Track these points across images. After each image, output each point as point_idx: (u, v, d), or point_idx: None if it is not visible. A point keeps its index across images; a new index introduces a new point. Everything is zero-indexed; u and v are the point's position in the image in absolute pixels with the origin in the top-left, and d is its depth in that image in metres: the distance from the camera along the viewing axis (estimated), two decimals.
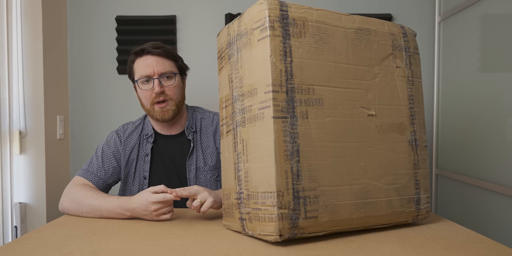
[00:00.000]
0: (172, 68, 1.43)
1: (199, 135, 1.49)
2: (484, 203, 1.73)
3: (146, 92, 1.41)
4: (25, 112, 1.94)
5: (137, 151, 1.46)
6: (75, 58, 2.23)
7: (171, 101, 1.41)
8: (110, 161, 1.44)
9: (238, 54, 1.02)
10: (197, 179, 1.44)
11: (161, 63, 1.40)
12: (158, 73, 1.39)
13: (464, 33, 1.91)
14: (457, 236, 1.02)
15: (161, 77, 1.40)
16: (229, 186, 1.06)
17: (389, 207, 1.06)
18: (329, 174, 0.97)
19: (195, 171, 1.45)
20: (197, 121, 1.52)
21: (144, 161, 1.45)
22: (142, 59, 1.42)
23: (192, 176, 1.44)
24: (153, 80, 1.39)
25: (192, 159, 1.46)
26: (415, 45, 1.18)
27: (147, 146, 1.47)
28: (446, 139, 2.08)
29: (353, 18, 1.07)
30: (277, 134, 0.91)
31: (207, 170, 1.45)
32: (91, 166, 1.43)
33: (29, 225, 1.97)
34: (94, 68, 2.23)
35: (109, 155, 1.45)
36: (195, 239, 1.00)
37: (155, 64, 1.39)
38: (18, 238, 1.03)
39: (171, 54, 1.44)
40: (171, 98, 1.41)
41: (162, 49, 1.41)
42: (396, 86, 1.11)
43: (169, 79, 1.42)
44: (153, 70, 1.39)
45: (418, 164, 1.13)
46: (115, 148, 1.46)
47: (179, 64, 1.47)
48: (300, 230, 0.92)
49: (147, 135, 1.48)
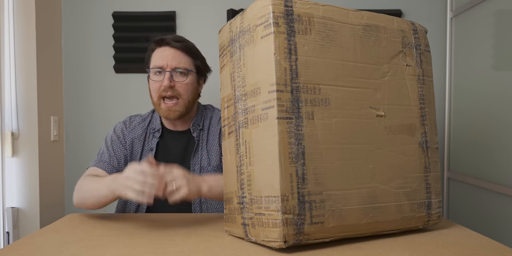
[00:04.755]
0: (188, 65, 1.43)
1: (206, 134, 1.50)
2: (498, 208, 1.72)
3: (155, 83, 1.41)
4: (17, 112, 1.95)
5: (141, 145, 1.48)
6: (70, 56, 2.24)
7: (181, 101, 1.41)
8: (120, 150, 1.47)
9: (241, 52, 1.02)
10: None
11: (178, 57, 1.41)
12: (171, 67, 1.40)
13: (477, 29, 1.91)
14: (470, 243, 1.02)
15: (173, 71, 1.40)
16: (231, 190, 1.06)
17: (398, 212, 1.06)
18: (336, 178, 0.97)
19: (199, 170, 1.46)
20: (205, 119, 1.53)
21: (148, 155, 1.46)
22: (160, 49, 1.43)
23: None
24: (165, 72, 1.39)
25: (196, 157, 1.47)
26: (426, 42, 1.18)
27: (153, 141, 1.49)
28: (459, 141, 2.07)
29: (361, 14, 1.07)
30: (282, 136, 0.91)
31: (211, 170, 1.46)
32: (103, 156, 1.46)
33: (21, 230, 1.97)
34: (90, 66, 2.24)
35: (119, 144, 1.48)
36: (195, 246, 1.00)
37: (171, 56, 1.40)
38: (10, 244, 1.03)
39: (191, 50, 1.45)
40: (180, 95, 1.41)
41: (182, 44, 1.42)
42: (406, 85, 1.11)
43: (182, 75, 1.42)
44: (166, 63, 1.39)
45: (429, 167, 1.13)
46: (123, 137, 1.49)
47: (198, 63, 1.47)
48: (306, 236, 0.92)
49: (154, 130, 1.50)
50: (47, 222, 1.98)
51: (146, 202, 1.05)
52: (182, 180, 1.12)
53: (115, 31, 2.20)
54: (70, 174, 2.22)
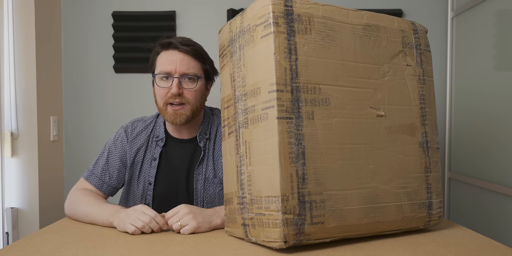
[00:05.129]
0: (197, 71, 1.35)
1: (212, 143, 1.43)
2: (499, 208, 1.73)
3: (162, 89, 1.34)
4: (17, 112, 1.95)
5: (143, 153, 1.42)
6: (70, 55, 2.24)
7: (188, 105, 1.34)
8: (115, 163, 1.41)
9: (241, 52, 1.02)
10: (205, 190, 1.39)
11: (186, 62, 1.33)
12: (180, 73, 1.32)
13: (478, 29, 1.91)
14: (470, 243, 1.02)
15: (182, 77, 1.32)
16: (231, 190, 1.07)
17: (399, 212, 1.06)
18: (336, 178, 0.97)
19: (203, 182, 1.39)
20: (212, 126, 1.45)
21: (151, 165, 1.41)
22: (167, 53, 1.35)
23: (200, 187, 1.39)
24: (173, 78, 1.32)
25: (201, 168, 1.40)
26: (426, 42, 1.18)
27: (156, 150, 1.42)
28: (459, 141, 2.07)
29: (361, 14, 1.07)
30: (282, 136, 0.91)
31: (217, 182, 1.39)
32: (96, 168, 1.42)
33: (21, 231, 1.97)
34: (90, 66, 2.24)
35: (115, 156, 1.42)
36: (195, 246, 1.00)
37: (179, 61, 1.32)
38: (9, 245, 1.04)
39: (200, 54, 1.37)
40: (188, 102, 1.34)
41: (191, 48, 1.34)
42: (406, 85, 1.12)
43: (191, 81, 1.34)
44: (175, 68, 1.32)
45: (429, 167, 1.13)
46: (122, 148, 1.42)
47: (206, 67, 1.39)
48: (306, 236, 0.93)
49: (158, 138, 1.43)
50: (46, 222, 1.98)
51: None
52: (186, 217, 1.13)
53: (115, 30, 2.20)
54: (69, 174, 2.23)
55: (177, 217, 1.13)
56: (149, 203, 1.40)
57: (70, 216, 1.31)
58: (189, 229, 1.11)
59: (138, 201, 1.41)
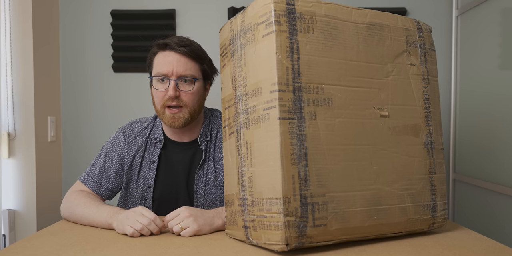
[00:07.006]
0: (195, 72, 1.34)
1: (213, 145, 1.42)
2: (504, 210, 1.72)
3: (159, 92, 1.33)
4: (14, 112, 1.95)
5: (141, 155, 1.41)
6: (68, 55, 2.24)
7: (185, 108, 1.33)
8: (112, 166, 1.41)
9: (242, 51, 1.02)
10: (205, 194, 1.39)
11: (183, 63, 1.32)
12: (177, 75, 1.31)
13: (483, 28, 1.91)
14: (475, 246, 1.02)
15: (179, 79, 1.31)
16: (232, 192, 1.07)
17: (403, 215, 1.06)
18: (339, 179, 0.97)
19: (203, 185, 1.39)
20: (213, 128, 1.45)
21: (150, 168, 1.41)
22: (163, 54, 1.33)
23: (200, 189, 1.39)
24: (170, 81, 1.31)
25: (202, 171, 1.39)
26: (430, 41, 1.18)
27: (155, 152, 1.41)
28: (464, 142, 2.07)
29: (364, 12, 1.07)
30: (283, 136, 0.91)
31: (218, 185, 1.39)
32: (93, 170, 1.41)
33: (18, 233, 1.98)
34: (88, 65, 2.24)
35: (113, 159, 1.41)
36: (195, 249, 1.00)
37: (175, 63, 1.31)
38: (6, 247, 1.04)
39: (198, 55, 1.35)
40: (186, 105, 1.33)
41: (188, 48, 1.32)
42: (410, 85, 1.11)
43: (188, 83, 1.33)
44: (171, 70, 1.30)
45: (434, 168, 1.13)
46: (120, 151, 1.42)
47: (204, 67, 1.38)
48: (308, 239, 0.92)
49: (156, 140, 1.42)
50: (44, 224, 1.98)
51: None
52: (187, 219, 1.13)
53: (114, 29, 2.20)
54: (67, 176, 2.23)
55: (177, 220, 1.13)
56: (148, 206, 1.40)
57: (67, 219, 1.31)
58: (190, 231, 1.11)
59: (137, 204, 1.41)
